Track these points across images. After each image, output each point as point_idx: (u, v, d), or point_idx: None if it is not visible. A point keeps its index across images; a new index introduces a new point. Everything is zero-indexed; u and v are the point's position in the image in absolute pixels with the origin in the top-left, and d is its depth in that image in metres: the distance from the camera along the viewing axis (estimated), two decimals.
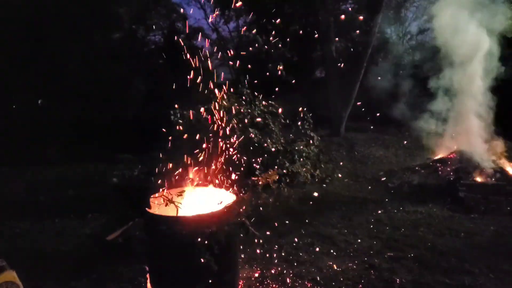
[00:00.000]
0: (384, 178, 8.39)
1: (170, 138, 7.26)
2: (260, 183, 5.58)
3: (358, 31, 13.90)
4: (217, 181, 3.41)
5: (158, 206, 3.11)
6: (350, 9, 14.41)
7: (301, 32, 14.54)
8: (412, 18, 16.82)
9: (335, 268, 4.41)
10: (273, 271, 4.33)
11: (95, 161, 9.84)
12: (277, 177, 6.14)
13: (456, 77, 8.36)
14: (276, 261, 4.57)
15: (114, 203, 5.93)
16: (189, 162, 3.81)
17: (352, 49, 14.55)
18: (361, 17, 12.29)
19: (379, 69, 12.59)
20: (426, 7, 15.21)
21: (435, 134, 9.45)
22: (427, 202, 6.74)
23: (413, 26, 17.07)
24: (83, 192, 7.48)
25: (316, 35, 13.79)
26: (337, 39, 13.42)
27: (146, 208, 3.02)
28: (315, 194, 6.86)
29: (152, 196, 3.17)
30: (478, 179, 7.16)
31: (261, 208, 5.27)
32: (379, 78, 11.78)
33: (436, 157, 8.78)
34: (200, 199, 3.32)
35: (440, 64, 8.71)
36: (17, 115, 10.85)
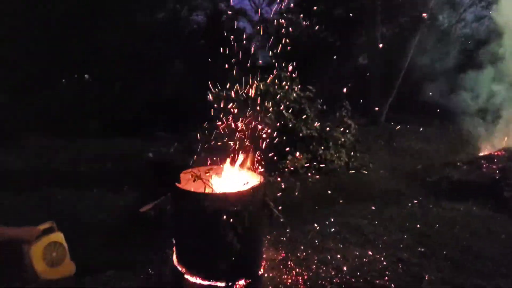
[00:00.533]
0: (422, 173, 8.07)
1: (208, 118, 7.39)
2: (288, 167, 5.53)
3: (405, 17, 13.31)
4: (247, 163, 3.42)
5: (187, 182, 3.16)
6: None
7: (345, 16, 14.08)
8: (467, 4, 15.71)
9: (362, 258, 4.33)
10: (297, 256, 4.32)
11: (133, 137, 10.17)
12: (305, 163, 6.06)
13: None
14: (301, 246, 4.56)
15: (148, 178, 6.12)
16: (223, 143, 3.85)
17: (398, 36, 13.96)
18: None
19: (427, 58, 12.03)
20: None
21: (483, 130, 8.97)
22: (466, 200, 6.41)
23: (469, 13, 15.98)
24: (120, 166, 7.76)
25: (361, 20, 13.33)
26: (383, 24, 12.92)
27: (176, 183, 3.08)
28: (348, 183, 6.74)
29: (182, 172, 3.23)
30: None
31: (288, 193, 5.25)
32: (426, 67, 11.29)
33: (481, 154, 8.33)
34: (228, 178, 3.34)
35: (495, 55, 8.17)
36: (63, 90, 11.34)
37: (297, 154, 6.00)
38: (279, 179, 5.07)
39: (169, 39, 12.66)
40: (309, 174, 6.00)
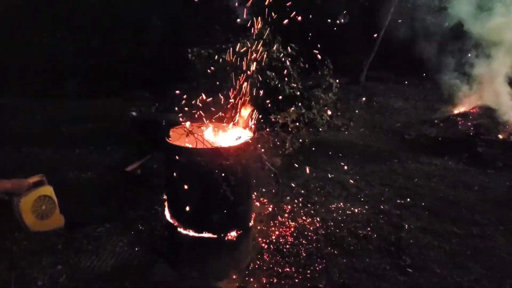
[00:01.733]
0: (401, 130, 8.30)
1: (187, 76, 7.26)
2: (279, 121, 5.58)
3: None
4: (235, 118, 3.43)
5: (177, 138, 3.16)
6: None
7: None
8: None
9: (345, 211, 4.53)
10: (284, 209, 4.47)
11: (112, 97, 9.93)
12: (295, 117, 6.13)
13: (489, 29, 7.94)
14: (288, 199, 4.71)
15: (132, 137, 6.06)
16: (208, 99, 3.81)
17: None
18: None
19: (406, 17, 11.99)
20: None
21: (458, 88, 9.19)
22: (443, 155, 6.70)
23: None
24: (101, 126, 7.63)
25: None
26: None
27: (166, 139, 3.07)
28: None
29: (172, 128, 3.22)
30: (499, 135, 7.04)
31: (275, 147, 5.33)
32: (405, 26, 11.28)
33: (457, 111, 8.59)
34: (219, 134, 3.36)
35: (471, 12, 8.24)
36: (37, 50, 10.81)
37: (291, 109, 6.03)
38: (268, 132, 5.12)
39: None
40: (297, 130, 6.07)
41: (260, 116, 5.60)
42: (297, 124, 5.99)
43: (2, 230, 2.38)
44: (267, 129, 4.90)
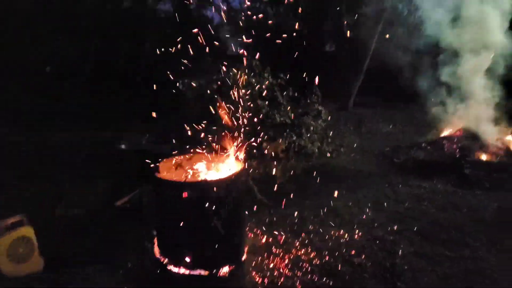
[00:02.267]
0: (390, 154, 8.39)
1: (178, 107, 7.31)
2: (267, 152, 5.62)
3: (368, 7, 13.58)
4: (225, 149, 3.45)
5: (166, 171, 3.16)
6: None
7: (311, 5, 14.21)
8: None
9: (339, 239, 4.51)
10: (278, 239, 4.43)
11: (102, 128, 9.90)
12: (284, 147, 6.18)
13: (467, 54, 8.23)
14: (281, 230, 4.68)
15: (121, 169, 6.02)
16: (197, 130, 3.85)
17: (362, 24, 14.26)
18: None
19: (390, 44, 12.37)
20: None
21: (443, 111, 9.38)
22: (431, 177, 6.76)
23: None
24: (91, 158, 7.57)
25: (326, 9, 13.51)
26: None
27: (155, 173, 3.07)
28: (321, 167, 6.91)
29: (161, 161, 3.22)
30: (483, 156, 7.17)
31: (268, 178, 5.35)
32: (389, 53, 11.60)
33: (443, 134, 8.74)
34: (208, 165, 3.37)
35: (451, 40, 8.54)
36: (28, 78, 10.81)
37: (280, 140, 6.08)
38: (258, 163, 5.14)
39: (136, 27, 12.33)
40: (287, 159, 6.11)
41: (249, 146, 5.66)
42: (287, 153, 6.03)
43: None
44: (257, 160, 4.93)
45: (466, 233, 4.61)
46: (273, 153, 5.71)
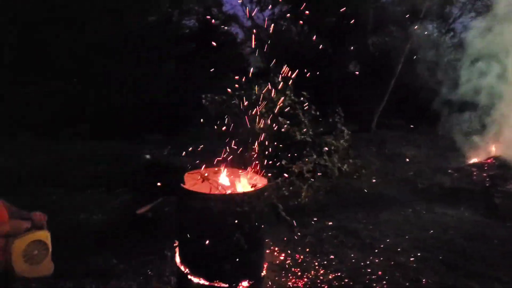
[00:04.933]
0: (414, 178, 8.19)
1: (201, 121, 7.37)
2: (294, 170, 5.57)
3: (396, 26, 13.53)
4: (250, 166, 3.43)
5: (192, 183, 3.15)
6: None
7: (336, 23, 14.26)
8: (457, 15, 16.06)
9: (359, 262, 4.37)
10: (296, 258, 4.34)
11: (125, 139, 10.06)
12: (311, 166, 6.11)
13: (503, 78, 8.05)
14: (299, 248, 4.58)
15: (144, 179, 6.07)
16: (222, 145, 3.86)
17: (389, 44, 14.20)
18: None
19: (417, 66, 12.26)
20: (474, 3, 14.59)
21: (472, 137, 9.16)
22: (458, 205, 6.54)
23: (458, 23, 16.29)
24: (113, 168, 7.65)
25: (352, 28, 13.51)
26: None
27: (181, 184, 3.06)
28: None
29: (186, 173, 3.22)
30: None
31: (291, 196, 5.29)
32: (416, 75, 11.48)
33: (471, 161, 8.51)
34: (233, 180, 3.34)
35: (484, 63, 8.39)
36: (52, 91, 11.17)
37: (304, 159, 6.03)
38: (281, 181, 5.11)
39: (161, 42, 12.60)
40: (311, 179, 6.05)
41: (271, 163, 5.63)
42: (313, 173, 5.96)
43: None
44: (281, 177, 4.88)
45: (496, 266, 4.37)
46: (297, 171, 5.65)
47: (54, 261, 3.38)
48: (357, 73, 14.50)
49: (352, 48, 13.13)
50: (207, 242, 2.86)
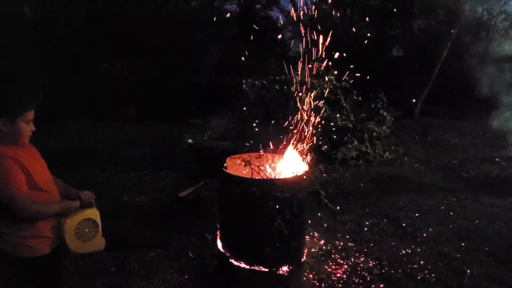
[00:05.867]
0: (459, 167, 7.89)
1: (241, 106, 7.43)
2: (339, 157, 5.52)
3: (443, 9, 12.86)
4: (293, 150, 3.44)
5: (234, 167, 3.21)
6: None
7: (381, 6, 13.76)
8: None
9: (400, 250, 4.32)
10: (336, 245, 4.35)
11: (168, 122, 10.35)
12: (355, 153, 6.04)
13: None
14: (339, 235, 4.58)
15: (186, 163, 6.24)
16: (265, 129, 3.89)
17: (435, 28, 13.54)
18: None
19: (464, 51, 11.68)
20: None
21: None
22: (506, 196, 6.24)
23: (510, 4, 15.24)
24: (157, 150, 7.94)
25: (397, 11, 12.99)
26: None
27: (223, 168, 3.13)
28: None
29: (229, 157, 3.28)
30: None
31: (334, 182, 5.27)
32: (464, 61, 10.95)
33: None
34: (276, 165, 3.37)
35: None
36: (101, 76, 11.62)
37: (351, 146, 5.96)
38: (325, 167, 5.10)
39: (203, 26, 12.73)
40: (354, 165, 5.98)
41: (317, 149, 5.60)
42: (358, 160, 5.89)
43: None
44: (324, 164, 4.86)
45: None
46: (341, 158, 5.60)
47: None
48: (400, 55, 13.96)
49: (397, 32, 12.67)
50: (248, 226, 2.92)
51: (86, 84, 10.73)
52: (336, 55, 5.05)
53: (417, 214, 5.39)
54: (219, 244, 3.32)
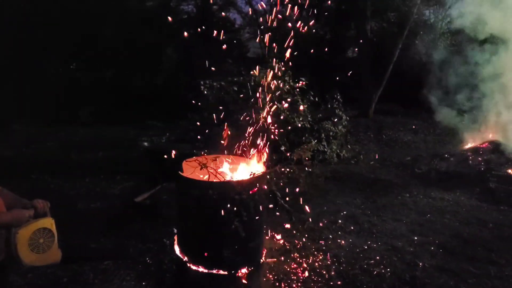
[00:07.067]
0: (411, 163, 8.24)
1: (199, 108, 7.34)
2: (294, 157, 5.58)
3: (394, 12, 13.41)
4: (249, 152, 3.43)
5: (190, 171, 3.16)
6: None
7: (335, 9, 14.11)
8: (453, 1, 15.94)
9: (357, 247, 4.43)
10: (295, 244, 4.39)
11: (124, 125, 10.04)
12: (310, 154, 6.12)
13: (499, 64, 8.02)
14: (298, 234, 4.63)
15: (143, 166, 6.08)
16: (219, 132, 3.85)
17: (387, 30, 14.09)
18: None
19: (414, 52, 12.20)
20: None
21: (468, 122, 9.18)
22: (454, 190, 6.61)
23: (454, 9, 16.15)
24: (112, 154, 7.67)
25: (351, 13, 13.38)
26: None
27: (179, 172, 3.07)
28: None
29: (185, 161, 3.22)
30: (510, 171, 6.96)
31: (288, 181, 5.31)
32: (413, 60, 11.44)
33: (467, 146, 8.54)
34: (232, 167, 3.35)
35: (480, 49, 8.36)
36: (52, 77, 11.09)
37: (303, 145, 6.03)
38: (281, 168, 5.12)
39: (159, 27, 12.49)
40: (314, 165, 6.07)
41: (272, 149, 5.64)
42: (313, 161, 5.97)
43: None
44: (280, 165, 4.89)
45: (492, 249, 4.43)
46: (297, 159, 5.66)
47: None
48: (354, 56, 14.38)
49: (351, 33, 13.03)
50: (205, 229, 2.88)
51: (35, 86, 10.19)
52: (288, 54, 5.12)
53: (373, 211, 5.56)
54: (177, 249, 3.26)
